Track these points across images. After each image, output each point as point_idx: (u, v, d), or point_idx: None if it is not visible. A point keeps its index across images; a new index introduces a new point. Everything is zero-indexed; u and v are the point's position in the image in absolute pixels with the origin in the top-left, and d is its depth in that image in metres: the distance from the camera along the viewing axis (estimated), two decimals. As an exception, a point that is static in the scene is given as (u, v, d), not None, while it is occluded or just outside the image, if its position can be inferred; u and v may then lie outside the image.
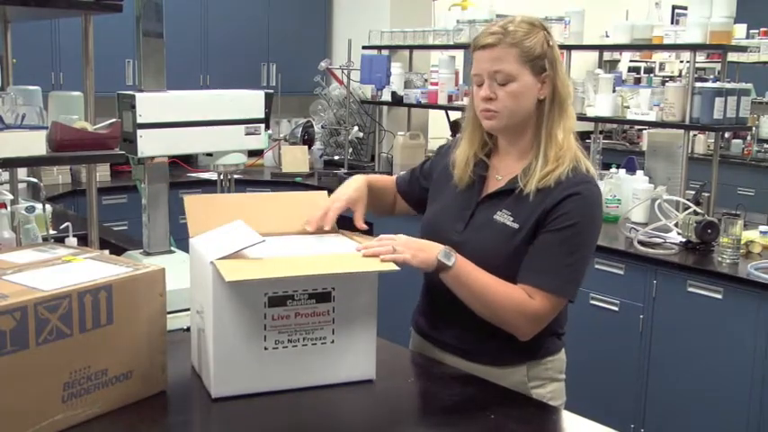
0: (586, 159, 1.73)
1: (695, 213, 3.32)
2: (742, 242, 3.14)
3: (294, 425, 1.52)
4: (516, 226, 1.68)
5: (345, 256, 1.61)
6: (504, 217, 1.70)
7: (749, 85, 3.77)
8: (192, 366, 1.69)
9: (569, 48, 4.07)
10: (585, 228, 1.67)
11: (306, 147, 5.42)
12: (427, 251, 1.62)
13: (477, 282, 1.64)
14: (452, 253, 1.62)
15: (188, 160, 5.12)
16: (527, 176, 1.69)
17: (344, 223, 1.86)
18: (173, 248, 2.15)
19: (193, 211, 1.70)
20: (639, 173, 3.92)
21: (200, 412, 1.60)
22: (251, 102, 2.16)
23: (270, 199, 1.95)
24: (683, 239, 3.30)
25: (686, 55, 4.75)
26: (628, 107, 3.94)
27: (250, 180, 4.88)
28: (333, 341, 1.59)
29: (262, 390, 1.56)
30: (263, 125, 2.17)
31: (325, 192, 1.86)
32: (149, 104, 1.98)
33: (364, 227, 1.78)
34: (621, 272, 3.32)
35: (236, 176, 2.24)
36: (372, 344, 1.64)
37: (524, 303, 1.63)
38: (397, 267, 1.56)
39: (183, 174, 4.90)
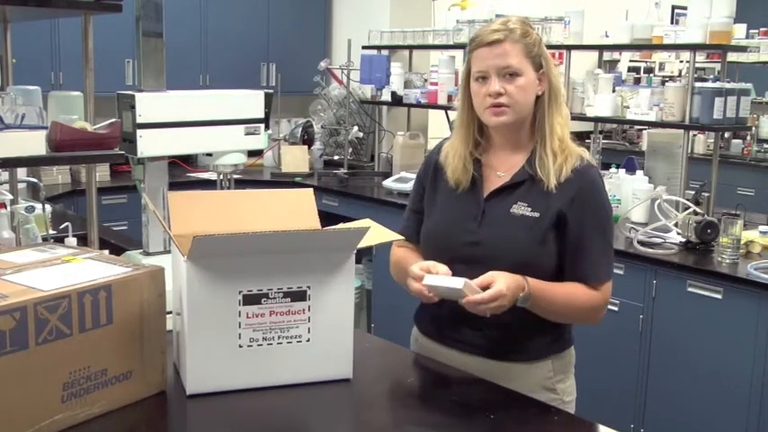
0: (580, 147, 1.81)
1: (695, 213, 3.32)
2: (742, 242, 3.14)
3: (293, 424, 1.52)
4: (537, 215, 1.72)
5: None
6: (521, 208, 1.73)
7: (749, 85, 3.76)
8: (174, 364, 1.69)
9: (569, 48, 4.07)
10: (607, 209, 1.79)
11: (305, 147, 5.41)
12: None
13: (555, 300, 1.71)
14: (524, 294, 1.65)
15: (188, 160, 5.12)
16: (543, 171, 1.72)
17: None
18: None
19: (176, 208, 1.68)
20: (639, 173, 3.91)
21: (200, 412, 1.60)
22: (250, 102, 2.16)
23: (254, 196, 1.91)
24: (683, 239, 3.30)
25: (686, 55, 4.74)
26: (628, 107, 3.94)
27: (250, 180, 4.87)
28: (309, 339, 1.60)
29: (236, 387, 1.57)
30: (262, 125, 2.18)
31: (311, 189, 1.80)
32: (149, 104, 1.98)
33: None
34: (621, 272, 3.31)
35: (235, 176, 2.24)
36: (349, 343, 1.65)
37: (592, 299, 1.74)
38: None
39: (182, 174, 4.89)
